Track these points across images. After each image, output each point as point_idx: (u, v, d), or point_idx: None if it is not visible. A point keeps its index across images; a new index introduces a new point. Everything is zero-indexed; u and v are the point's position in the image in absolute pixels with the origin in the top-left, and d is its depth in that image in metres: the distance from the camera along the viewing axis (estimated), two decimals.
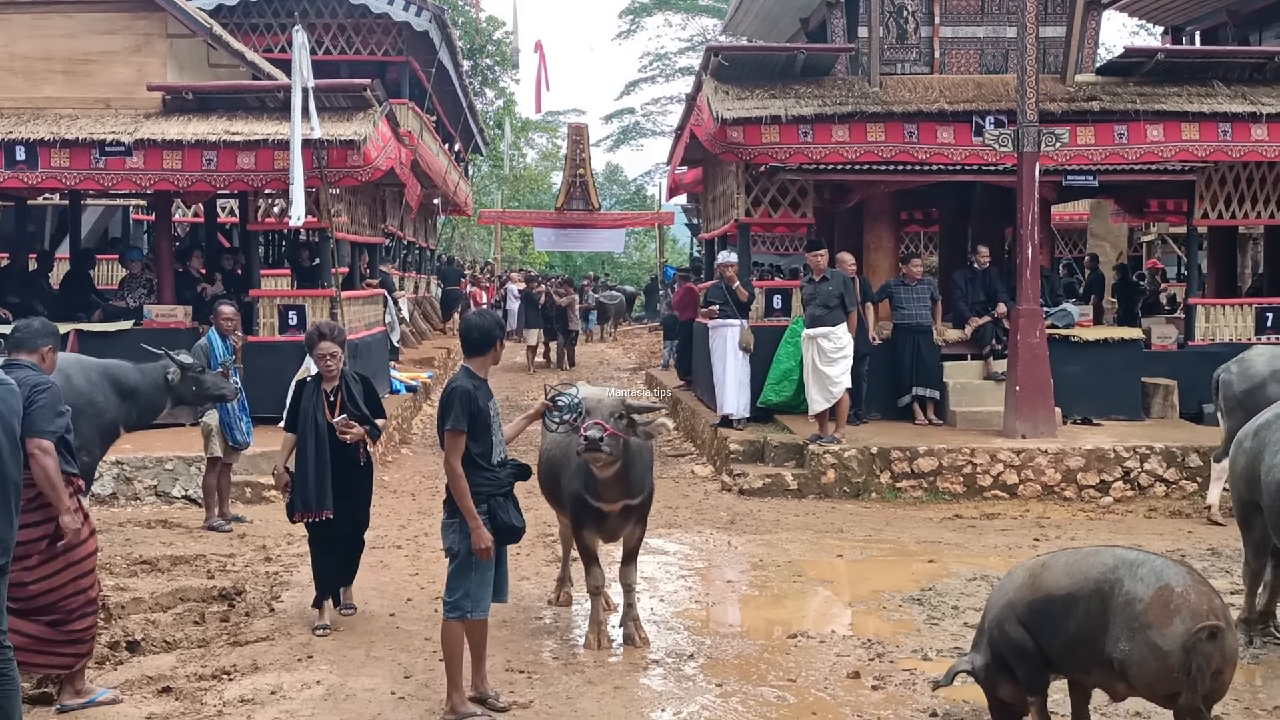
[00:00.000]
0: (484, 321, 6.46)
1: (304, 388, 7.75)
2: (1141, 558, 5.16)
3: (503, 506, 6.25)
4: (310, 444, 7.61)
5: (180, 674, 6.77)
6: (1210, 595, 4.94)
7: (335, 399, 7.71)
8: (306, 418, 7.63)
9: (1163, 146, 13.95)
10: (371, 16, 22.58)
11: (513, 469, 6.38)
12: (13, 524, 5.22)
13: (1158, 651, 4.84)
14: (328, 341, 7.68)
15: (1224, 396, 10.68)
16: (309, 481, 7.57)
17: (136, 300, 14.77)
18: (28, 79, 14.35)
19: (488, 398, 6.30)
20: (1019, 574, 5.58)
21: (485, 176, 51.02)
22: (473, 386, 6.23)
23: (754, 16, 19.34)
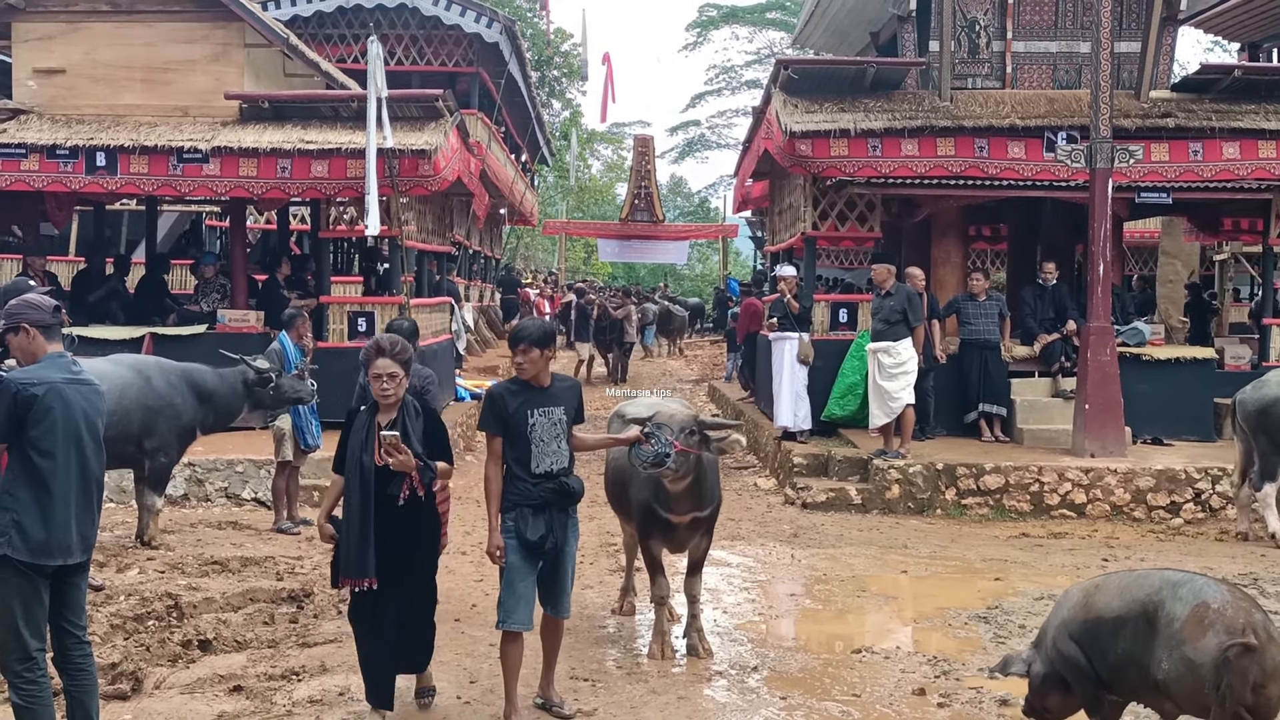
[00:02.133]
0: (528, 325, 6.22)
1: (354, 419, 6.12)
2: (1185, 578, 5.18)
3: (524, 518, 6.06)
4: (354, 491, 5.97)
5: (251, 673, 6.87)
6: (1249, 610, 4.91)
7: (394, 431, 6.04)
8: (352, 457, 6.00)
9: (1239, 164, 13.76)
10: (444, 28, 22.81)
11: (552, 486, 6.09)
12: (95, 521, 5.34)
13: (1191, 665, 4.85)
14: (386, 359, 5.96)
15: (1240, 418, 10.76)
16: (351, 540, 5.96)
17: (210, 305, 15.01)
18: (109, 86, 14.67)
19: (534, 404, 6.09)
20: (1075, 593, 5.63)
21: (551, 187, 51.33)
22: (509, 390, 6.14)
23: (823, 30, 19.33)
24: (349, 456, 6.02)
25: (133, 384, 9.52)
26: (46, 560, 5.07)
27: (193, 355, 11.34)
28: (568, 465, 6.19)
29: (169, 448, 9.84)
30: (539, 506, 6.08)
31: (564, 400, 6.22)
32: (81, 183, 14.03)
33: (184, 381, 9.87)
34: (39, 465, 5.09)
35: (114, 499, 10.99)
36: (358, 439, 6.01)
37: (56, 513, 5.10)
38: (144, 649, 7.02)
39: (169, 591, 8.14)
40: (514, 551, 6.07)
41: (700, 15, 54.89)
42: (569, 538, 6.28)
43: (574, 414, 6.28)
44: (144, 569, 9.03)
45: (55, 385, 5.16)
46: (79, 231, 21.53)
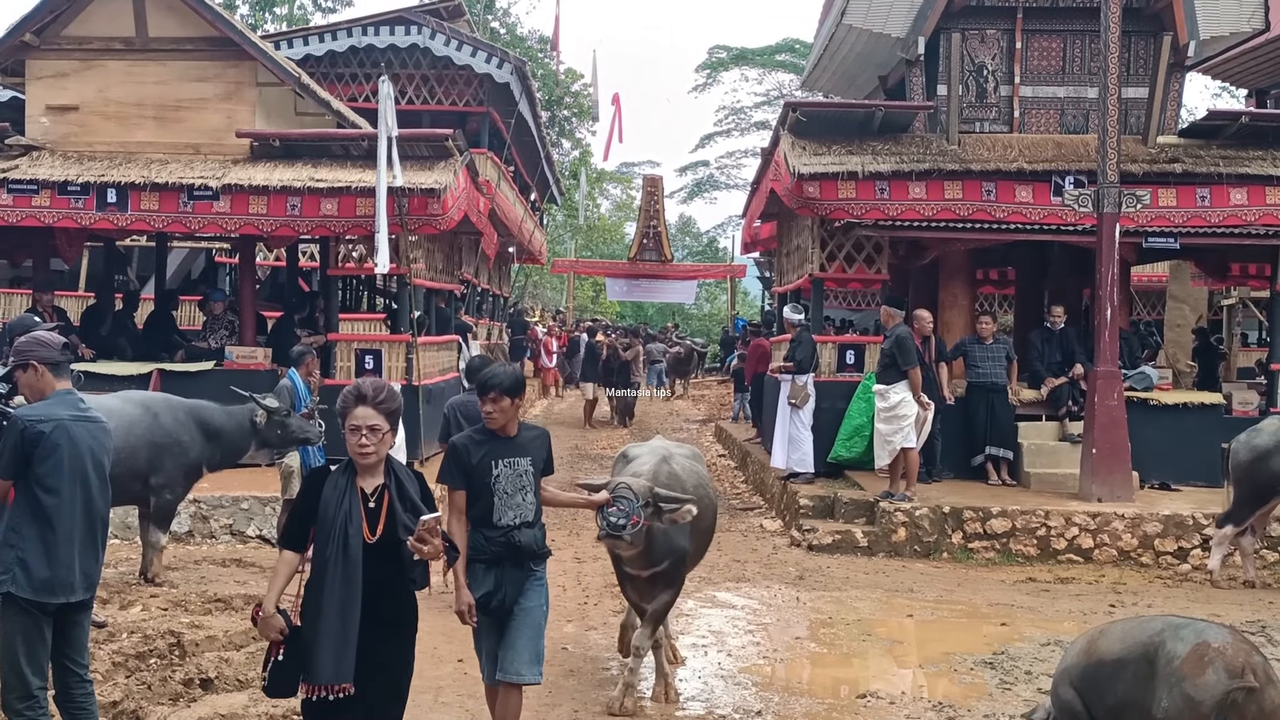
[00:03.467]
0: (498, 373, 5.84)
1: (323, 479, 4.94)
2: (1188, 621, 5.31)
3: (475, 574, 5.71)
4: (334, 577, 4.79)
5: (252, 713, 6.83)
6: (1249, 652, 5.03)
7: (379, 505, 4.91)
8: (330, 530, 4.82)
9: (1246, 210, 13.78)
10: (454, 68, 22.98)
11: (503, 540, 5.72)
12: (99, 559, 5.34)
13: (1190, 702, 4.92)
14: (367, 408, 4.87)
15: (1232, 465, 10.91)
16: (325, 637, 4.78)
17: (218, 341, 15.05)
18: (120, 123, 14.77)
19: (499, 455, 5.76)
20: (1080, 640, 5.74)
21: (560, 226, 51.52)
22: (472, 441, 5.83)
23: (832, 73, 19.39)
24: (324, 531, 4.82)
25: (140, 421, 9.54)
26: (50, 598, 5.07)
27: (200, 392, 11.36)
28: (532, 519, 5.81)
29: (175, 485, 9.83)
30: (490, 561, 5.74)
31: (531, 451, 5.88)
32: (92, 219, 14.10)
33: (191, 419, 9.88)
34: (44, 502, 5.10)
35: (118, 535, 10.97)
36: (335, 505, 4.84)
37: (61, 551, 5.10)
38: (145, 687, 6.99)
39: (171, 629, 8.11)
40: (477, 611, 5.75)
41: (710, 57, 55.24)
42: (529, 596, 5.84)
43: (542, 465, 5.94)
44: (147, 606, 9.01)
45: (62, 423, 5.18)
46: (89, 267, 21.62)
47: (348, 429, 4.90)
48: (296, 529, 4.99)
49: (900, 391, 12.36)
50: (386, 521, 4.86)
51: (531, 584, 5.85)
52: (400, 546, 4.84)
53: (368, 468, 4.92)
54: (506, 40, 40.33)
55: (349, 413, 4.91)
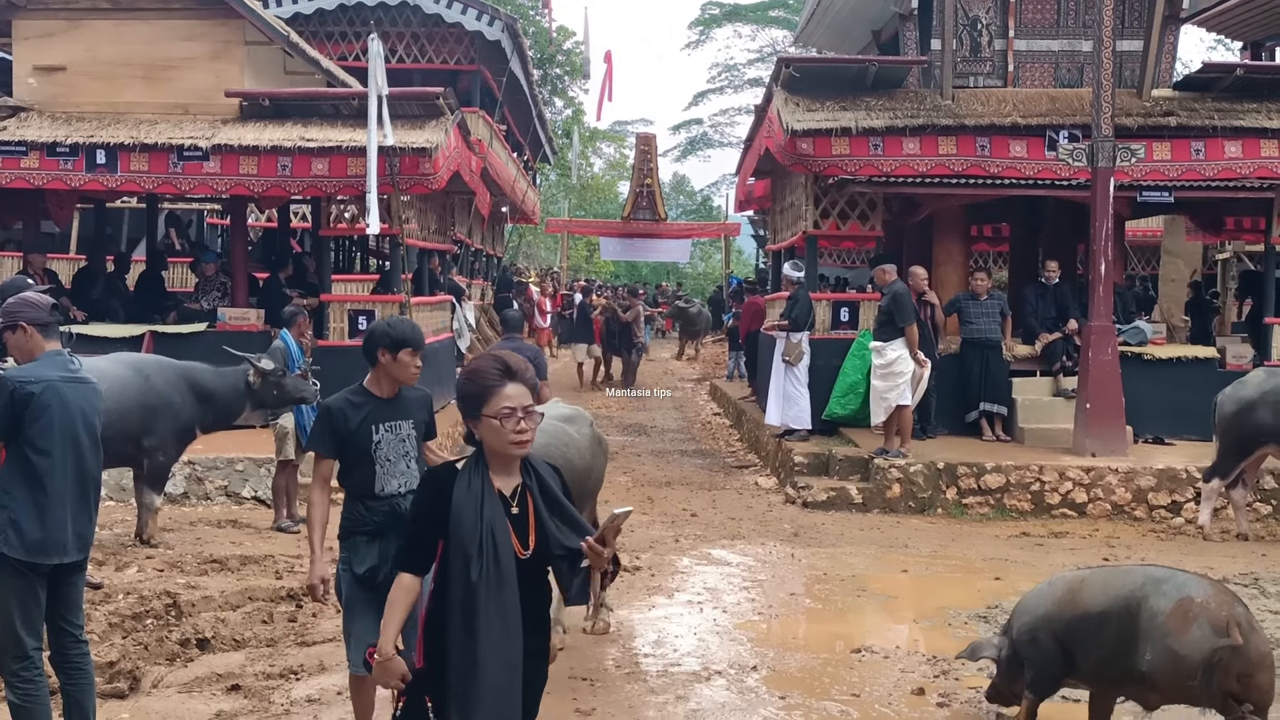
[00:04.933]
0: (404, 326, 5.37)
1: (448, 480, 3.92)
2: (1169, 574, 5.34)
3: (356, 548, 5.25)
4: (486, 605, 3.81)
5: (249, 672, 6.85)
6: (1231, 604, 5.08)
7: (524, 510, 3.94)
8: (473, 546, 3.81)
9: (1241, 163, 13.74)
10: (445, 26, 22.79)
11: (386, 509, 5.23)
12: (92, 520, 5.33)
13: (1176, 657, 4.98)
14: (518, 385, 3.91)
15: (1217, 418, 10.94)
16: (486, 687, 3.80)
17: (211, 303, 15.01)
18: (108, 84, 14.65)
19: (379, 418, 5.26)
20: (1059, 587, 5.76)
21: (553, 185, 51.32)
22: (349, 403, 5.28)
23: (825, 28, 19.31)
24: (463, 547, 3.82)
25: (132, 382, 9.51)
26: (43, 559, 5.06)
27: (193, 354, 11.34)
28: (415, 487, 5.11)
29: (168, 446, 9.83)
30: (373, 533, 5.24)
31: (413, 413, 5.40)
32: (82, 180, 14.02)
33: (183, 380, 9.86)
34: (36, 464, 5.08)
35: (114, 497, 10.99)
36: (476, 518, 3.83)
37: (53, 511, 5.09)
38: (142, 648, 7.01)
39: (167, 590, 8.13)
40: (349, 586, 5.26)
41: (703, 13, 54.89)
42: None
43: (424, 428, 5.45)
44: (143, 567, 9.02)
45: (53, 383, 5.15)
46: (80, 229, 21.52)
47: (494, 414, 3.85)
48: (421, 545, 3.94)
49: (897, 348, 12.36)
50: (537, 530, 3.93)
51: None
52: (556, 561, 4.00)
53: (507, 463, 3.95)
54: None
55: (494, 392, 3.88)
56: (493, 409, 3.86)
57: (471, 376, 3.94)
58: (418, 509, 4.02)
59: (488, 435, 3.89)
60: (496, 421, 3.85)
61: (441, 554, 3.87)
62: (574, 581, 4.01)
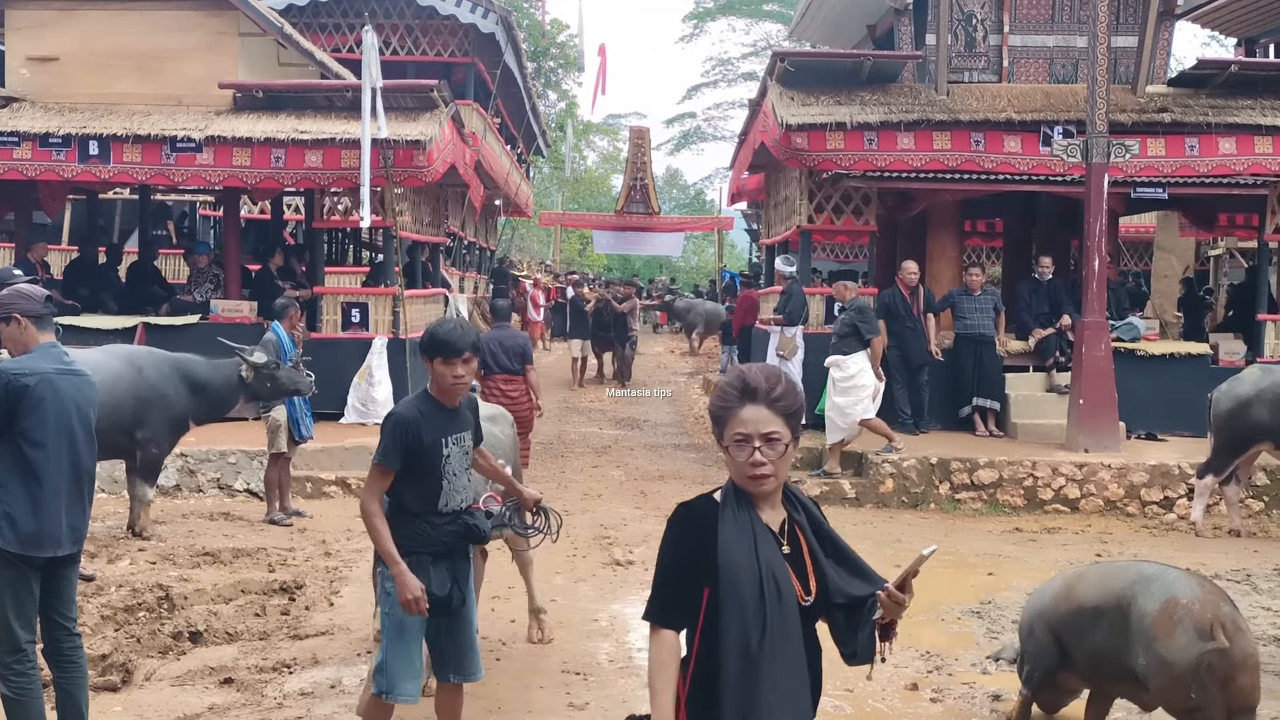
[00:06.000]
0: (456, 330, 4.99)
1: (710, 514, 3.28)
2: (1158, 572, 5.31)
3: (424, 568, 4.91)
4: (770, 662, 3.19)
5: (241, 665, 6.85)
6: (1217, 604, 5.04)
7: (796, 548, 3.36)
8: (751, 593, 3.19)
9: (1235, 159, 13.76)
10: (439, 18, 22.71)
11: (455, 529, 4.99)
12: (86, 512, 5.31)
13: (1164, 663, 4.97)
14: (759, 408, 3.28)
15: (1212, 414, 10.93)
16: None
17: (203, 295, 14.97)
18: (102, 74, 14.60)
19: (447, 431, 4.96)
20: (1057, 582, 5.81)
21: (546, 178, 51.25)
22: (420, 414, 4.94)
23: (820, 23, 19.29)
24: (739, 594, 3.18)
25: (125, 375, 9.48)
26: (36, 552, 5.05)
27: (186, 345, 11.29)
28: (472, 501, 5.16)
29: (161, 439, 9.80)
30: (440, 553, 4.96)
31: (470, 422, 5.14)
32: (74, 171, 13.98)
33: (176, 372, 9.83)
34: (30, 456, 5.06)
35: (106, 489, 10.96)
36: (752, 560, 3.21)
37: (47, 504, 5.07)
38: (134, 640, 7.00)
39: (160, 583, 8.12)
40: (400, 610, 4.92)
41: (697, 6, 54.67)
42: (471, 587, 5.20)
43: (476, 435, 5.25)
44: (135, 560, 9.01)
45: (47, 376, 5.13)
46: (72, 220, 21.46)
47: (730, 440, 3.31)
48: (683, 596, 3.26)
49: (860, 361, 12.30)
50: (815, 572, 3.36)
51: (471, 574, 5.21)
52: (832, 612, 3.42)
53: (766, 497, 3.34)
54: None
55: (731, 415, 3.31)
56: (728, 435, 3.30)
57: (715, 395, 3.40)
58: (674, 551, 3.31)
59: (728, 464, 3.34)
60: (732, 448, 3.30)
61: (707, 605, 3.22)
62: (860, 635, 3.40)
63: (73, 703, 5.27)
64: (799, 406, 3.33)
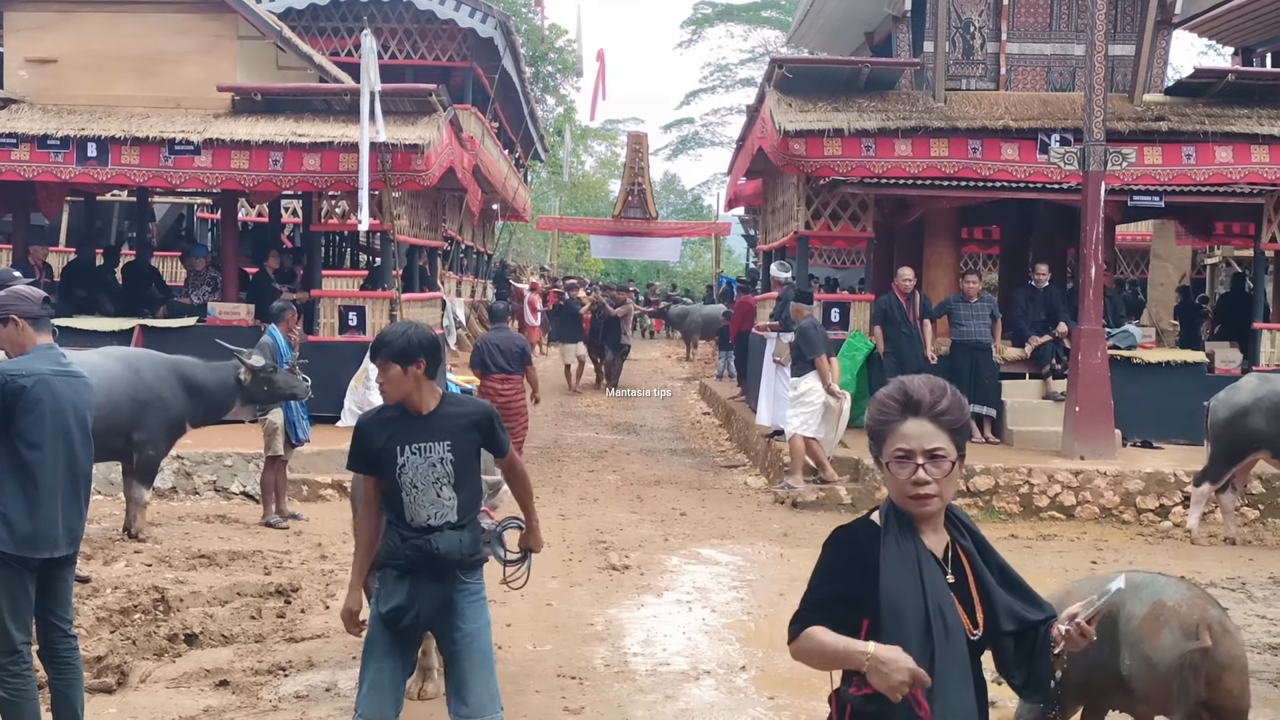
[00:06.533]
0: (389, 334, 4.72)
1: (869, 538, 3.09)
2: (1148, 579, 5.31)
3: (387, 584, 4.69)
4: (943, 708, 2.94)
5: (237, 668, 6.84)
6: (1204, 607, 5.04)
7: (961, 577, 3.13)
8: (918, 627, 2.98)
9: (1231, 168, 13.79)
10: (437, 22, 22.76)
11: (418, 544, 4.61)
12: (82, 514, 5.31)
13: (1149, 663, 4.96)
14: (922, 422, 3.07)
15: (1210, 423, 10.91)
16: None
17: (201, 297, 14.98)
18: (100, 77, 14.61)
19: (405, 439, 4.63)
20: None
21: (544, 183, 51.26)
22: (378, 420, 4.72)
23: (818, 29, 19.33)
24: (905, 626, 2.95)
25: (122, 377, 9.49)
26: (33, 553, 5.05)
27: (183, 348, 11.30)
28: (457, 519, 4.67)
29: (157, 441, 9.80)
30: (403, 569, 4.66)
31: (452, 433, 4.69)
32: (72, 173, 14.00)
33: (173, 374, 9.84)
34: (26, 457, 5.07)
35: (102, 491, 10.95)
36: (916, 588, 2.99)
37: (43, 505, 5.07)
38: (130, 642, 7.00)
39: (156, 585, 8.12)
40: (375, 623, 4.71)
41: (695, 12, 54.79)
42: (467, 617, 4.73)
43: (472, 448, 4.77)
44: (131, 562, 9.00)
45: (44, 377, 5.14)
46: (70, 222, 21.47)
47: (890, 457, 3.07)
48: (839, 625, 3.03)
49: (810, 381, 12.35)
50: (984, 603, 3.10)
51: (466, 601, 4.75)
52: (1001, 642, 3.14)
53: (928, 519, 3.11)
54: None
55: (891, 430, 3.08)
56: (888, 451, 3.07)
57: (874, 408, 3.14)
58: (831, 581, 3.10)
59: (888, 483, 3.12)
60: (892, 466, 3.06)
61: (866, 638, 2.98)
62: (1034, 667, 3.14)
63: (68, 704, 5.28)
64: (965, 421, 3.11)
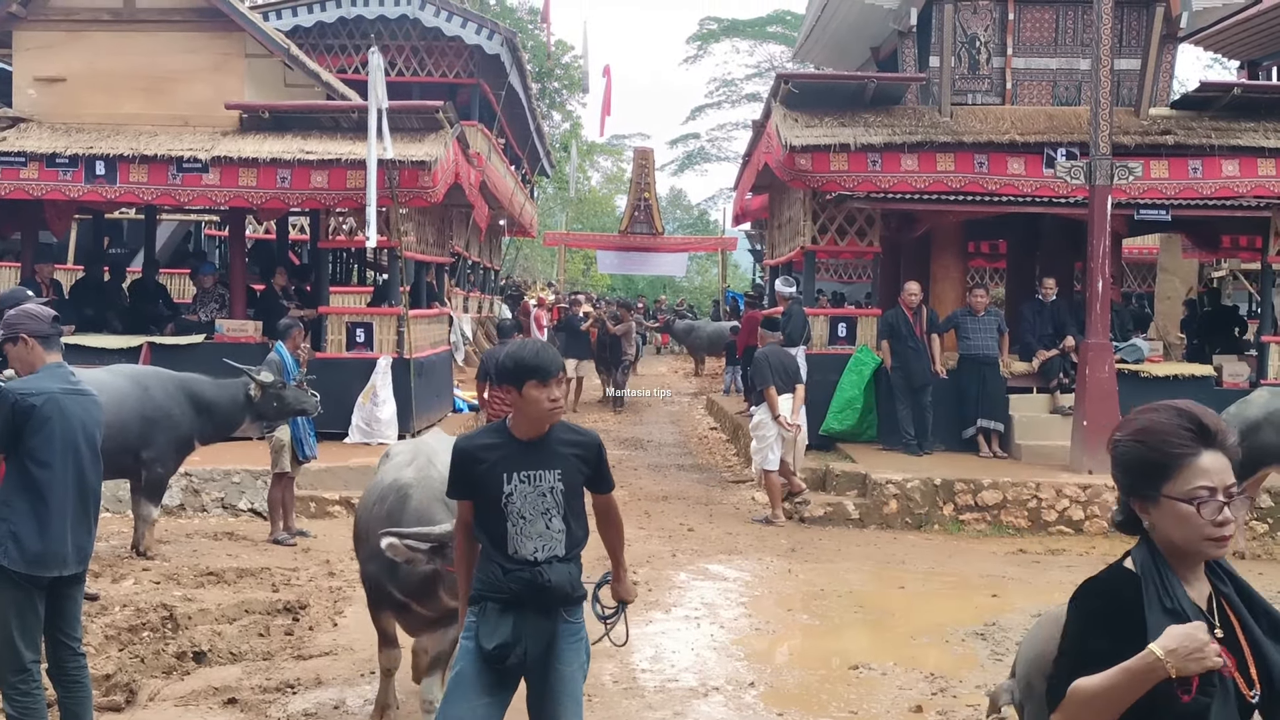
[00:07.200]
0: (528, 353, 4.40)
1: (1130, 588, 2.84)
2: None
3: (486, 617, 4.36)
4: None
5: (245, 685, 6.84)
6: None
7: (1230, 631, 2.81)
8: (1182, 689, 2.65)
9: (1238, 182, 13.78)
10: (444, 39, 22.85)
11: (526, 576, 4.30)
12: (91, 532, 5.33)
13: None
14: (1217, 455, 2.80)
15: None
16: None
17: (208, 314, 15.00)
18: (109, 95, 14.66)
19: (514, 465, 4.34)
20: (1046, 624, 5.60)
21: (550, 198, 51.38)
22: (481, 445, 4.44)
23: (824, 45, 19.34)
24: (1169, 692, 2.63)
25: (130, 394, 9.51)
26: (42, 572, 5.06)
27: (191, 365, 11.33)
28: (564, 552, 4.38)
29: (166, 458, 9.82)
30: (507, 603, 4.34)
31: (563, 461, 4.41)
32: (81, 191, 14.03)
33: (182, 392, 9.86)
34: (36, 476, 5.08)
35: (110, 509, 10.95)
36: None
37: (53, 524, 5.09)
38: (138, 660, 7.00)
39: (164, 602, 8.12)
40: (466, 656, 4.41)
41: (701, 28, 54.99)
42: (564, 657, 4.43)
43: (582, 479, 4.47)
44: (139, 580, 9.01)
45: (53, 396, 5.15)
46: (78, 240, 21.53)
47: (1184, 496, 2.75)
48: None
49: (762, 412, 12.31)
50: (1256, 659, 2.75)
51: (567, 639, 4.44)
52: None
53: (1193, 563, 2.82)
54: (496, 11, 40.13)
55: (1186, 463, 2.76)
56: (1181, 488, 2.73)
57: (1146, 436, 2.83)
58: (1087, 642, 2.83)
59: (1168, 524, 2.76)
60: (1187, 507, 2.72)
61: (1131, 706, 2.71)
62: None
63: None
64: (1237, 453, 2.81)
